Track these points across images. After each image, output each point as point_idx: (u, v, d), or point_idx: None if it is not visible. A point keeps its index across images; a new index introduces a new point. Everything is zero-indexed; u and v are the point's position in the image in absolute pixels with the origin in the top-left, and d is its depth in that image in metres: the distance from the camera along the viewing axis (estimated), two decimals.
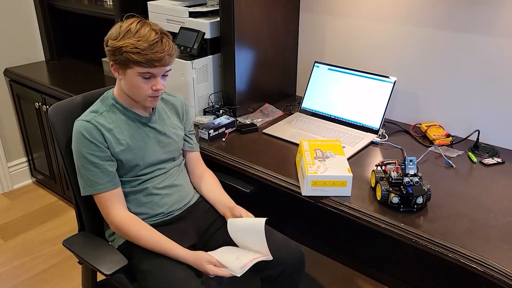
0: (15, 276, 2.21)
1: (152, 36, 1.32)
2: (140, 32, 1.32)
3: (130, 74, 1.36)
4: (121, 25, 1.35)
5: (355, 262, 2.24)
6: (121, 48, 1.32)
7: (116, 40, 1.33)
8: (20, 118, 2.78)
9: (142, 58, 1.31)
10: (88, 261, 1.38)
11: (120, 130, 1.42)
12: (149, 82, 1.37)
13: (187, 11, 1.93)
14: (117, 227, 1.40)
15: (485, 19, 1.66)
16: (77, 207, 1.54)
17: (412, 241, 1.26)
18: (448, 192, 1.46)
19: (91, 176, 1.38)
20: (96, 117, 1.40)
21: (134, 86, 1.38)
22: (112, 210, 1.40)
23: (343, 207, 1.39)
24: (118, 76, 1.40)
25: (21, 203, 2.78)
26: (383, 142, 1.78)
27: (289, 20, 2.13)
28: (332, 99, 1.96)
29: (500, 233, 1.26)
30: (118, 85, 1.45)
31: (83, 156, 1.37)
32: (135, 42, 1.31)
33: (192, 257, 1.36)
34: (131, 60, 1.32)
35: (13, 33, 2.68)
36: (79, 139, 1.37)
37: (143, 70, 1.34)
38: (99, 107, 1.44)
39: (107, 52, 1.37)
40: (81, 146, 1.37)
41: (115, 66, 1.38)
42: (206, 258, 1.35)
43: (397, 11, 1.87)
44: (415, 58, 1.88)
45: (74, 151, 1.40)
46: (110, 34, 1.36)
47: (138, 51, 1.30)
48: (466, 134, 1.77)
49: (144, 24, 1.35)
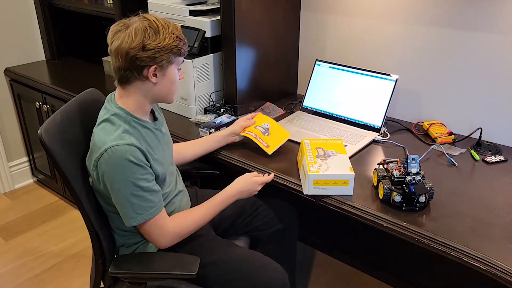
0: (16, 276, 2.21)
1: (175, 24, 1.30)
2: (168, 25, 1.28)
3: (171, 71, 1.31)
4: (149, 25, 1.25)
5: (357, 261, 2.23)
6: (169, 44, 1.26)
7: (159, 39, 1.24)
8: (20, 117, 2.78)
9: (184, 47, 1.30)
10: (165, 272, 1.31)
11: (148, 144, 1.33)
12: (179, 73, 1.36)
13: (188, 9, 1.93)
14: (175, 239, 1.37)
15: (488, 17, 1.66)
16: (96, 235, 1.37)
17: (414, 240, 1.26)
18: (450, 190, 1.45)
19: (143, 202, 1.27)
20: (131, 138, 1.26)
21: (173, 83, 1.34)
22: (166, 227, 1.34)
23: (345, 206, 1.39)
24: (155, 80, 1.29)
25: (22, 203, 2.78)
26: (385, 141, 1.78)
27: (290, 18, 2.12)
28: (334, 98, 1.95)
29: (503, 232, 1.26)
30: (131, 95, 1.32)
31: (134, 184, 1.24)
32: (175, 34, 1.27)
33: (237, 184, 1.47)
34: (178, 53, 1.29)
35: (13, 32, 2.68)
36: (127, 166, 1.23)
37: (181, 59, 1.33)
38: (123, 125, 1.28)
39: (149, 57, 1.24)
40: (129, 173, 1.23)
41: (155, 69, 1.27)
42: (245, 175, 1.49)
43: (399, 9, 1.86)
44: (417, 56, 1.87)
45: (118, 181, 1.24)
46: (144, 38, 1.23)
47: (181, 41, 1.29)
48: (469, 132, 1.76)
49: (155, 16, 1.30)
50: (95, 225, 1.36)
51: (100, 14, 2.42)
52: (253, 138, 1.65)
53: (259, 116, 1.74)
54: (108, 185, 1.27)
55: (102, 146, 1.24)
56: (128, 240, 1.43)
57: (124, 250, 1.45)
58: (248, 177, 1.49)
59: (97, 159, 1.25)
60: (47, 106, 2.46)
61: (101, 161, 1.24)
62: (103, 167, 1.25)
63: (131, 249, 1.44)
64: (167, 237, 1.35)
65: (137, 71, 1.27)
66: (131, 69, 1.27)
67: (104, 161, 1.24)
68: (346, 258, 2.27)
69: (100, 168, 1.26)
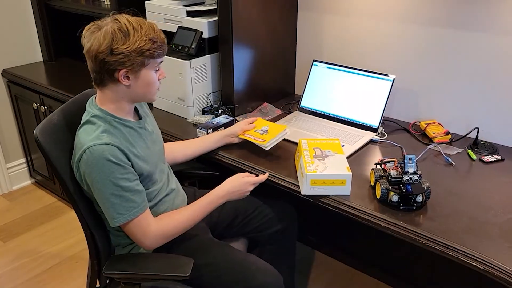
0: (15, 278, 2.20)
1: (152, 25, 1.27)
2: (143, 26, 1.24)
3: (145, 72, 1.27)
4: (119, 28, 1.22)
5: (356, 261, 2.24)
6: (141, 48, 1.22)
7: (128, 43, 1.21)
8: (18, 119, 2.77)
9: (158, 49, 1.26)
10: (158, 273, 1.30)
11: (130, 143, 1.32)
12: (157, 73, 1.33)
13: (185, 10, 1.93)
14: (159, 240, 1.34)
15: (485, 17, 1.66)
16: (91, 235, 1.38)
17: (412, 240, 1.26)
18: (447, 190, 1.45)
19: (124, 203, 1.25)
20: (110, 137, 1.25)
21: (150, 84, 1.30)
22: (149, 227, 1.31)
23: (343, 206, 1.39)
24: (127, 82, 1.27)
25: (20, 204, 2.78)
26: (382, 140, 1.78)
27: (287, 18, 2.12)
28: (331, 98, 1.95)
29: (500, 231, 1.26)
30: (108, 96, 1.31)
31: (114, 184, 1.23)
32: (148, 36, 1.23)
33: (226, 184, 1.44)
34: (151, 56, 1.25)
35: (10, 33, 2.68)
36: (105, 165, 1.22)
37: (158, 61, 1.30)
38: (103, 125, 1.28)
39: (117, 61, 1.22)
40: (108, 173, 1.22)
41: (125, 72, 1.25)
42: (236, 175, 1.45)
43: (396, 9, 1.86)
44: (414, 55, 1.88)
45: (98, 181, 1.23)
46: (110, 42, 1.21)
47: (155, 44, 1.25)
48: (466, 132, 1.77)
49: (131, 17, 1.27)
50: (90, 225, 1.37)
51: (97, 15, 2.41)
52: (251, 139, 1.66)
53: (259, 121, 1.75)
54: (90, 186, 1.27)
55: (82, 147, 1.24)
56: (123, 240, 1.43)
57: (120, 250, 1.45)
58: (238, 177, 1.46)
59: (78, 160, 1.26)
60: (44, 107, 2.46)
61: (81, 161, 1.25)
62: (83, 168, 1.25)
63: (126, 249, 1.44)
64: (151, 239, 1.32)
65: (108, 74, 1.26)
66: (102, 72, 1.26)
67: (83, 161, 1.24)
68: (345, 258, 2.27)
69: (81, 169, 1.26)
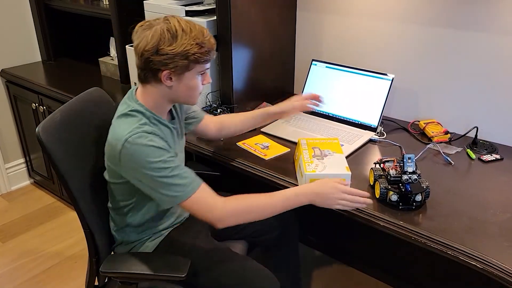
0: (14, 278, 2.20)
1: (203, 29, 1.24)
2: (193, 30, 1.22)
3: (189, 76, 1.26)
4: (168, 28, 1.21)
5: (356, 261, 2.24)
6: (186, 51, 1.21)
7: (174, 46, 1.20)
8: (17, 119, 2.77)
9: (205, 54, 1.24)
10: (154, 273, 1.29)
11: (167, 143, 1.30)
12: (202, 78, 1.31)
13: (184, 10, 1.92)
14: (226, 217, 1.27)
15: (484, 17, 1.66)
16: (90, 234, 1.38)
17: (411, 239, 1.26)
18: (447, 189, 1.45)
19: (179, 181, 1.23)
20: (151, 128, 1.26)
21: (192, 88, 1.29)
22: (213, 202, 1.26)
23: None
24: (170, 83, 1.26)
25: (19, 205, 2.78)
26: (381, 140, 1.78)
27: (286, 18, 2.12)
28: (330, 97, 1.95)
29: (499, 230, 1.26)
30: (151, 94, 1.30)
31: (163, 166, 1.21)
32: (196, 40, 1.22)
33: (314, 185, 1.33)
34: (195, 60, 1.23)
35: (9, 33, 2.67)
36: (151, 151, 1.21)
37: (204, 67, 1.27)
38: (144, 120, 1.28)
39: (160, 61, 1.22)
40: (154, 159, 1.21)
41: (169, 73, 1.24)
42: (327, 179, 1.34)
43: (395, 9, 1.86)
44: (413, 55, 1.88)
45: (147, 170, 1.21)
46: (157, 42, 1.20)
47: (202, 48, 1.22)
48: (465, 131, 1.77)
49: (186, 21, 1.25)
50: (89, 224, 1.37)
51: (96, 15, 2.42)
52: (252, 150, 1.69)
53: (260, 137, 1.80)
54: (137, 174, 1.24)
55: (123, 137, 1.22)
56: (127, 238, 1.43)
57: (121, 248, 1.45)
58: (328, 180, 1.34)
59: (119, 151, 1.22)
60: (43, 107, 2.45)
61: (124, 152, 1.22)
62: (124, 159, 1.23)
63: (128, 247, 1.44)
64: (217, 214, 1.26)
65: (152, 73, 1.26)
66: (146, 70, 1.26)
67: (126, 151, 1.21)
68: (345, 258, 2.27)
69: (124, 159, 1.23)
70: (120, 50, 2.32)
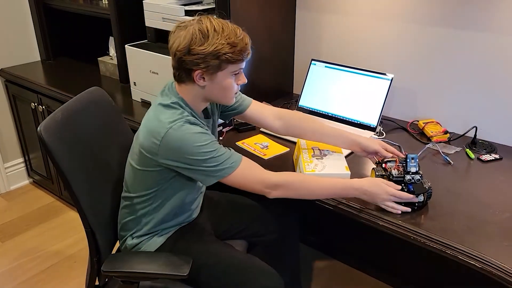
0: (13, 278, 2.20)
1: (237, 30, 1.25)
2: (225, 30, 1.23)
3: (221, 76, 1.27)
4: (200, 28, 1.23)
5: (356, 261, 2.24)
6: (217, 51, 1.22)
7: (205, 45, 1.22)
8: (16, 118, 2.77)
9: (238, 54, 1.24)
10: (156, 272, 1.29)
11: None
12: (236, 78, 1.31)
13: (183, 9, 1.92)
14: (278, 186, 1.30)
15: (483, 16, 1.66)
16: (91, 233, 1.38)
17: (410, 239, 1.26)
18: (446, 189, 1.45)
19: (224, 158, 1.27)
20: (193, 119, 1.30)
21: (226, 88, 1.30)
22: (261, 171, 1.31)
23: (342, 205, 1.39)
24: (203, 83, 1.28)
25: (18, 204, 2.77)
26: (380, 139, 1.78)
27: (286, 17, 2.12)
28: (329, 97, 1.95)
29: (498, 229, 1.26)
30: (190, 91, 1.32)
31: (209, 151, 1.25)
32: (228, 41, 1.22)
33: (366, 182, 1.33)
34: (227, 60, 1.23)
35: (8, 33, 2.67)
36: (197, 138, 1.25)
37: (237, 67, 1.28)
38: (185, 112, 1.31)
39: (192, 61, 1.24)
40: (201, 143, 1.25)
41: (201, 73, 1.26)
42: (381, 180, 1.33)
43: (394, 8, 1.86)
44: (412, 55, 1.88)
45: (194, 155, 1.24)
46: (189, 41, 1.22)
47: (233, 49, 1.23)
48: (464, 131, 1.77)
49: (220, 20, 1.26)
50: (91, 223, 1.37)
51: (95, 14, 2.42)
52: (251, 150, 1.69)
53: (260, 136, 1.80)
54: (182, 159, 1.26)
55: (166, 125, 1.25)
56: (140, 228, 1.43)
57: (130, 240, 1.45)
58: (378, 181, 1.35)
59: (162, 137, 1.25)
60: (42, 106, 2.45)
61: (167, 138, 1.24)
62: (172, 144, 1.25)
63: (136, 240, 1.44)
64: (269, 182, 1.30)
65: (185, 73, 1.28)
66: (180, 70, 1.28)
67: (171, 138, 1.24)
68: (345, 258, 2.27)
69: (167, 146, 1.25)
70: (119, 50, 2.32)
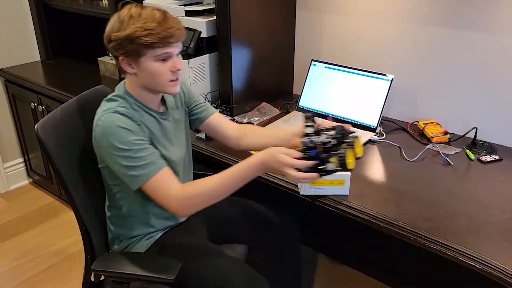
0: (13, 278, 2.20)
1: (157, 14, 1.23)
2: (143, 15, 1.22)
3: (145, 62, 1.25)
4: (119, 15, 1.24)
5: (355, 261, 2.24)
6: (130, 35, 1.21)
7: (121, 31, 1.22)
8: (16, 118, 2.77)
9: (155, 38, 1.21)
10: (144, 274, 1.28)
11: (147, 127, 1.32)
12: (166, 64, 1.27)
13: (183, 9, 1.92)
14: (185, 204, 1.26)
15: (483, 16, 1.66)
16: (86, 231, 1.40)
17: (410, 239, 1.26)
18: (446, 189, 1.46)
19: (142, 161, 1.24)
20: (127, 110, 1.28)
21: (153, 74, 1.27)
22: (170, 188, 1.26)
23: (342, 206, 1.39)
24: (131, 70, 1.28)
25: (17, 204, 2.77)
26: (380, 140, 1.78)
27: (286, 18, 2.12)
28: (329, 97, 1.95)
29: (498, 230, 1.26)
30: (132, 82, 1.32)
31: (126, 148, 1.23)
32: (143, 25, 1.21)
33: (261, 155, 1.24)
34: (144, 44, 1.21)
35: (8, 33, 2.67)
36: (116, 132, 1.23)
37: (159, 51, 1.24)
38: (123, 103, 1.30)
39: (113, 48, 1.25)
40: (119, 138, 1.23)
41: (125, 60, 1.26)
42: (276, 150, 1.22)
43: (394, 9, 1.86)
44: (412, 55, 1.88)
45: (113, 150, 1.24)
46: (110, 29, 1.25)
47: (149, 32, 1.20)
48: (464, 132, 1.77)
49: (143, 7, 1.26)
50: (85, 221, 1.38)
51: (95, 14, 2.41)
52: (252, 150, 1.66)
53: None
54: (106, 155, 1.27)
55: (99, 114, 1.27)
56: (125, 231, 1.43)
57: (117, 244, 1.45)
58: (275, 151, 1.24)
59: (94, 130, 1.28)
60: (42, 106, 2.45)
61: (97, 131, 1.27)
62: (98, 139, 1.27)
63: (124, 244, 1.43)
64: (176, 202, 1.26)
65: (116, 62, 1.29)
66: (113, 59, 1.31)
67: (97, 132, 1.27)
68: (344, 258, 2.27)
69: (96, 141, 1.28)
70: None
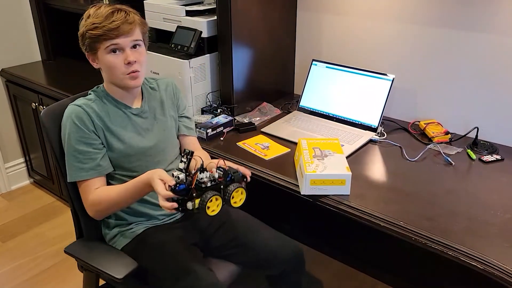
0: (13, 278, 2.20)
1: (107, 9, 1.34)
2: (97, 12, 1.35)
3: (101, 56, 1.37)
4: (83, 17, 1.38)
5: (355, 261, 2.24)
6: (83, 32, 1.35)
7: (80, 29, 1.37)
8: (17, 118, 2.77)
9: (100, 30, 1.32)
10: (96, 266, 1.33)
11: (111, 120, 1.41)
12: (120, 57, 1.36)
13: (184, 9, 1.92)
14: (92, 210, 1.39)
15: (484, 17, 1.66)
16: (75, 214, 1.50)
17: (411, 239, 1.26)
18: (447, 189, 1.45)
19: (76, 163, 1.36)
20: (88, 103, 1.40)
21: (109, 67, 1.38)
22: (88, 195, 1.37)
23: (342, 206, 1.39)
24: (97, 66, 1.42)
25: (18, 204, 2.77)
26: (381, 140, 1.78)
27: (287, 18, 2.12)
28: (330, 97, 1.95)
29: (500, 230, 1.26)
30: (104, 78, 1.46)
31: (71, 143, 1.36)
32: (92, 20, 1.33)
33: (146, 175, 1.25)
34: (93, 38, 1.33)
35: (8, 33, 2.67)
36: (68, 125, 1.36)
37: (107, 43, 1.34)
38: (93, 97, 1.44)
39: (81, 46, 1.41)
40: (69, 132, 1.36)
41: (90, 56, 1.40)
42: (158, 173, 1.22)
43: (395, 9, 1.86)
44: (413, 55, 1.88)
45: (62, 136, 1.39)
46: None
47: (95, 25, 1.32)
48: (465, 131, 1.76)
49: (102, 6, 1.37)
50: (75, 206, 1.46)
51: None
52: (252, 150, 1.69)
53: (261, 137, 1.79)
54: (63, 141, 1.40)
55: None
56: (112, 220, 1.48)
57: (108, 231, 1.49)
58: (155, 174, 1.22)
59: None
60: (43, 107, 2.45)
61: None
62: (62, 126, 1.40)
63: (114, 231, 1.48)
64: (87, 206, 1.40)
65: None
66: None
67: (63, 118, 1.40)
68: (344, 257, 2.27)
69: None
70: None
